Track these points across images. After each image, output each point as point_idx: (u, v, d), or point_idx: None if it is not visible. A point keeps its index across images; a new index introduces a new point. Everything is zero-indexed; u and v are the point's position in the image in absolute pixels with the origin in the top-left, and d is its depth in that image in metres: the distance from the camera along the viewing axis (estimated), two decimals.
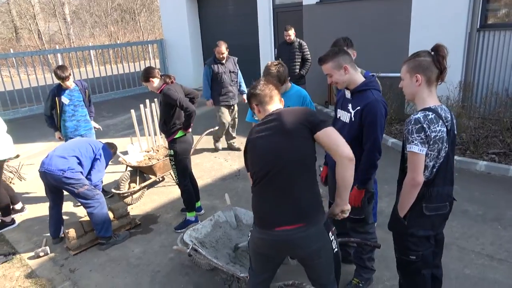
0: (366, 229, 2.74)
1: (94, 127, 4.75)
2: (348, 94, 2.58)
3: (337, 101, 2.78)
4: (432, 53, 2.00)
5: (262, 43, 9.09)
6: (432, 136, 1.95)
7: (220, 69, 5.51)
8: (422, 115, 1.97)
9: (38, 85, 9.56)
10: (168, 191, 4.76)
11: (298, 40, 6.35)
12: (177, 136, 3.66)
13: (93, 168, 3.69)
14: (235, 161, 5.62)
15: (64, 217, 3.96)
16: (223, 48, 5.39)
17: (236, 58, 5.79)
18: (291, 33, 6.23)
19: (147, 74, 3.58)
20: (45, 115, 4.49)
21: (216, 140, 6.12)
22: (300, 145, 1.96)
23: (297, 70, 6.30)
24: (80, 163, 3.58)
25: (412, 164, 2.00)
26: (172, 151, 3.68)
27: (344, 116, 2.60)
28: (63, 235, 3.77)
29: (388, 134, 6.05)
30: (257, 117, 2.27)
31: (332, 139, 1.94)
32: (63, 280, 3.23)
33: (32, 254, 3.58)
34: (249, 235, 2.19)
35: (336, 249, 2.06)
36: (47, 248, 3.60)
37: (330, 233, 2.02)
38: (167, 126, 3.66)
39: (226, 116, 5.78)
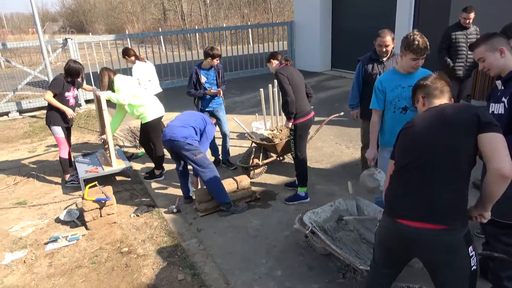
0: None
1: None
2: (500, 85, 2.31)
3: (489, 95, 2.49)
4: None
5: (398, 28, 8.43)
6: None
7: (377, 69, 3.84)
8: None
9: (180, 61, 10.68)
10: (288, 171, 4.86)
11: (474, 26, 5.32)
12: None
13: (201, 140, 4.02)
14: (357, 150, 5.42)
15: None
16: (387, 38, 3.65)
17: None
18: (472, 15, 5.16)
19: (270, 55, 3.96)
20: (188, 92, 4.80)
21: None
22: (460, 139, 1.76)
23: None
24: (196, 133, 3.96)
25: None
26: (293, 125, 3.85)
27: (497, 108, 2.31)
28: (193, 197, 4.19)
29: None
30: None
31: (494, 146, 1.68)
32: (191, 237, 3.59)
33: (167, 209, 4.07)
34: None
35: (474, 267, 1.81)
36: (180, 206, 4.05)
37: (471, 248, 1.78)
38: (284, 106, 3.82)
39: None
